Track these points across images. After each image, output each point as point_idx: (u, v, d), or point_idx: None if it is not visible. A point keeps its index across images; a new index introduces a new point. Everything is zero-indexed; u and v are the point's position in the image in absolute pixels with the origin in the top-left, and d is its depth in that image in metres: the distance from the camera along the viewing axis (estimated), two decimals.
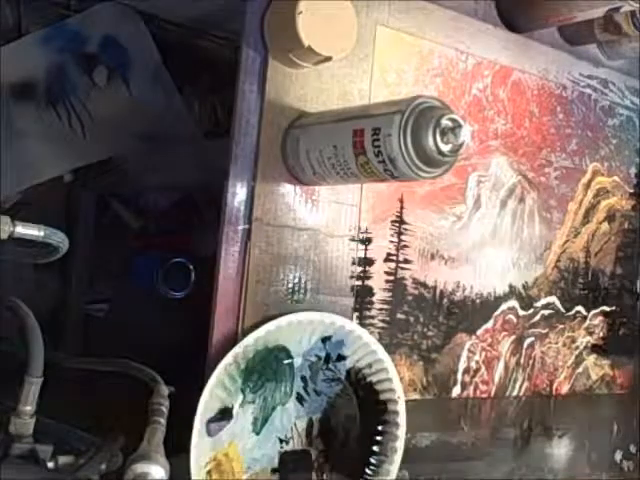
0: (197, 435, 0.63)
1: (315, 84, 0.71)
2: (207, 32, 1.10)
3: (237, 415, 0.67)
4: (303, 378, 0.71)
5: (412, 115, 0.57)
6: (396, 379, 0.74)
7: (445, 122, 0.57)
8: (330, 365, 0.72)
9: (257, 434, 0.69)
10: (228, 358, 0.65)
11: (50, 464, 0.54)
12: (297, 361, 0.70)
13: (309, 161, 0.66)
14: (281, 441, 0.70)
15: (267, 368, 0.68)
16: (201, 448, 0.64)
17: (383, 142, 0.58)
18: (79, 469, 0.54)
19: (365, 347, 0.72)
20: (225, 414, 0.66)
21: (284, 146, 0.69)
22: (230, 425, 0.66)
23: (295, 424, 0.71)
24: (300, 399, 0.71)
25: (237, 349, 0.65)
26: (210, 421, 0.65)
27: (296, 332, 0.68)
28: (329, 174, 0.65)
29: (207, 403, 0.64)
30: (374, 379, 0.73)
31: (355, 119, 0.62)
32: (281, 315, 0.68)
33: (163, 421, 0.58)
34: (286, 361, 0.69)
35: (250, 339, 0.66)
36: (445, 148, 0.57)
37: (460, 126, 0.57)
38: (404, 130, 0.57)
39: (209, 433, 0.65)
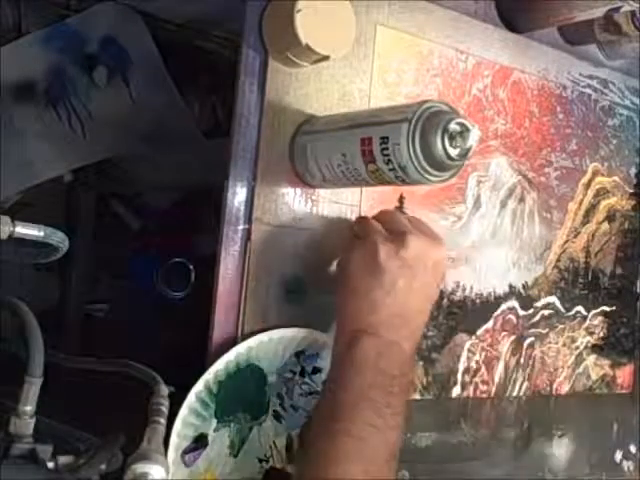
0: (172, 466, 0.61)
1: (315, 84, 0.71)
2: (207, 32, 1.10)
3: (213, 441, 0.65)
4: (279, 395, 0.69)
5: (419, 122, 0.57)
6: None
7: (453, 126, 0.57)
8: (306, 379, 0.70)
9: (235, 457, 0.67)
10: (199, 385, 0.63)
11: (50, 464, 0.54)
12: (271, 378, 0.68)
13: (318, 168, 0.66)
14: (260, 461, 0.68)
15: (240, 389, 0.66)
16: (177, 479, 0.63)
17: (392, 151, 0.58)
18: (79, 469, 0.54)
19: None
20: (200, 442, 0.64)
21: (291, 152, 0.69)
22: (206, 451, 0.64)
23: (274, 442, 0.69)
24: (277, 416, 0.69)
25: (207, 376, 0.63)
26: (185, 452, 0.63)
27: (268, 350, 0.67)
28: (340, 180, 0.65)
29: (180, 433, 0.62)
30: None
31: (362, 127, 0.61)
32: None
33: (163, 421, 0.58)
34: (260, 380, 0.67)
35: (220, 364, 0.64)
36: (454, 152, 0.57)
37: (468, 130, 0.57)
38: (412, 138, 0.57)
39: (185, 464, 0.63)
